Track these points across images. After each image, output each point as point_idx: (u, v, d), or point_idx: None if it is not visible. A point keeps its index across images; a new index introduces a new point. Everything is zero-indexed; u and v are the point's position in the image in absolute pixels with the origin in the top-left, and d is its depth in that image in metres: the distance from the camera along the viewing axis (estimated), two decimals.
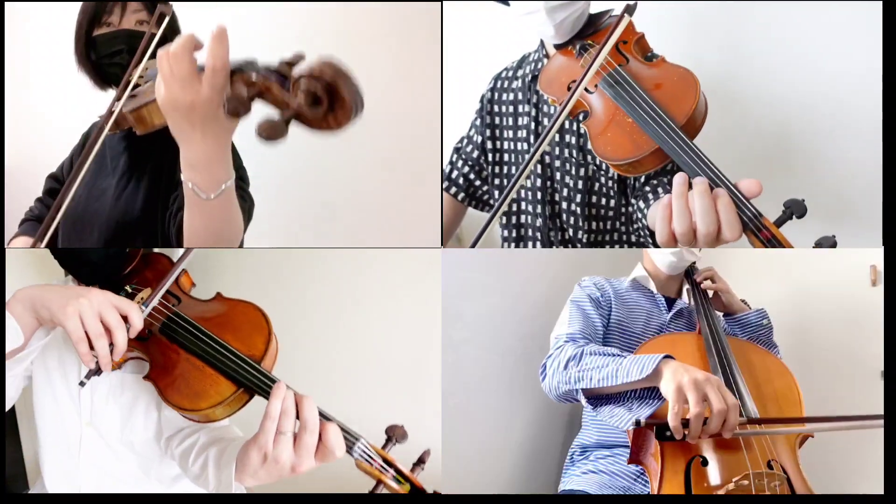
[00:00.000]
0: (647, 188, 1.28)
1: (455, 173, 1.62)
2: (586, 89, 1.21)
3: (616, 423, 1.14)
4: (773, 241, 1.01)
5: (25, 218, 1.42)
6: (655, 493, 1.10)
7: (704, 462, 1.11)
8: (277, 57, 0.93)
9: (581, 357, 1.21)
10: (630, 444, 1.20)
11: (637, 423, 1.08)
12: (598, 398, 1.19)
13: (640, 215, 1.29)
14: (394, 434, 1.04)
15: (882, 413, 1.18)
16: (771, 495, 1.06)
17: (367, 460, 1.00)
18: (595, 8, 1.35)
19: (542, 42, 1.45)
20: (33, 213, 1.42)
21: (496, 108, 1.54)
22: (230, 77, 0.92)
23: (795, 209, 1.02)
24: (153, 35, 1.19)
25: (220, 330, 1.10)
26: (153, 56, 1.19)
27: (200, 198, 1.01)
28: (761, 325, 1.45)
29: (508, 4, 1.33)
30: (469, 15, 1.81)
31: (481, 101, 1.57)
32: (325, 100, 0.86)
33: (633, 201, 1.35)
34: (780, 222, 1.02)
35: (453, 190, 1.62)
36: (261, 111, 0.90)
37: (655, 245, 1.24)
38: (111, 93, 1.37)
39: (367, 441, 1.01)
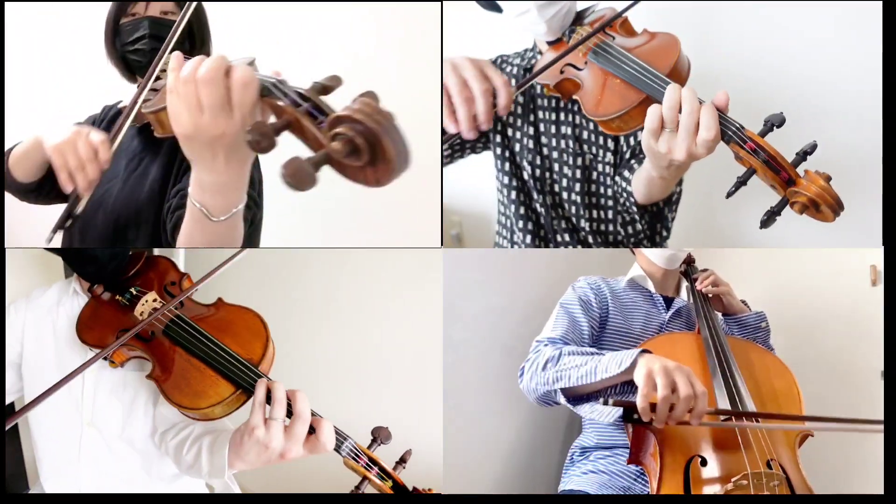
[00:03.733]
0: (632, 161, 1.37)
1: None
2: (576, 67, 1.26)
3: (597, 416, 1.15)
4: (760, 151, 1.07)
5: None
6: (655, 492, 1.10)
7: (704, 462, 1.11)
8: (307, 77, 0.83)
9: (559, 357, 1.22)
10: (630, 444, 1.20)
11: (605, 402, 1.08)
12: (577, 397, 1.20)
13: (624, 186, 1.37)
14: (379, 435, 1.12)
15: (881, 418, 1.18)
16: (770, 495, 1.06)
17: (353, 458, 1.07)
18: (581, 6, 1.38)
19: (535, 42, 1.47)
20: None
21: None
22: (263, 99, 0.86)
23: (775, 120, 1.09)
24: (181, 22, 1.13)
25: (220, 333, 1.14)
26: (187, 49, 1.19)
27: (209, 219, 0.97)
28: (759, 327, 1.46)
29: (501, 11, 1.37)
30: (469, 15, 1.81)
31: None
32: (366, 152, 0.73)
33: (616, 179, 1.41)
34: (762, 134, 1.09)
35: None
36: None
37: (638, 208, 1.33)
38: (132, 87, 1.36)
39: (354, 441, 1.08)
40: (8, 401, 1.27)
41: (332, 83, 0.83)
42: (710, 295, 1.46)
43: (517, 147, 1.54)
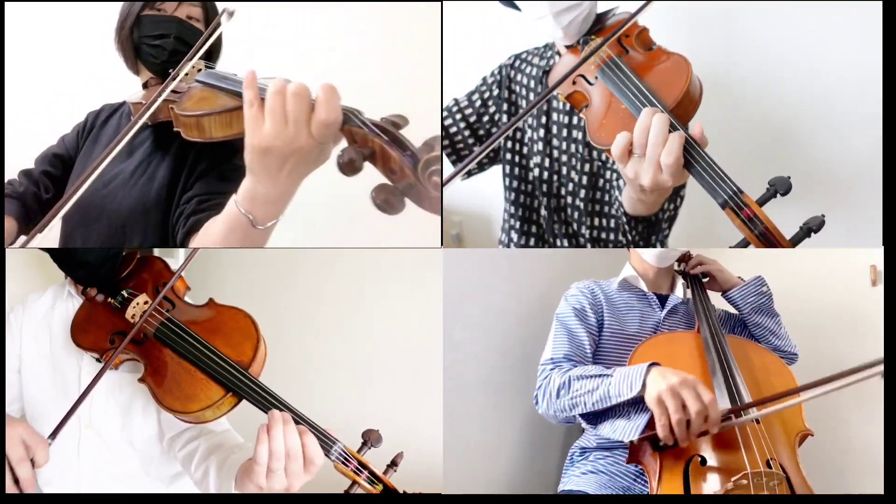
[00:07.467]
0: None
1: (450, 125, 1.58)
2: (587, 80, 1.22)
3: (619, 436, 1.15)
4: (755, 221, 1.00)
5: (7, 193, 1.34)
6: (654, 492, 1.10)
7: (703, 461, 1.11)
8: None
9: (569, 384, 1.23)
10: (629, 443, 1.20)
11: (631, 442, 1.12)
12: (596, 415, 1.22)
13: (616, 195, 1.32)
14: (369, 438, 1.09)
15: (881, 416, 1.18)
16: (770, 495, 1.06)
17: (343, 462, 1.06)
18: (602, 7, 1.36)
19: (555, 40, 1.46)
20: (16, 189, 1.34)
21: (514, 87, 1.53)
22: (343, 128, 0.93)
23: (780, 186, 1.00)
24: (210, 34, 1.18)
25: (210, 335, 1.14)
26: (203, 57, 1.20)
27: (253, 227, 1.00)
28: (762, 292, 1.46)
29: (519, 9, 1.34)
30: (469, 15, 1.81)
31: (500, 71, 1.55)
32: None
33: (619, 183, 1.37)
34: (762, 200, 1.01)
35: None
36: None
37: (628, 218, 1.28)
38: (136, 80, 1.36)
39: (343, 444, 1.07)
40: (10, 408, 1.26)
41: (401, 122, 0.95)
42: (704, 277, 1.46)
43: (526, 150, 1.53)
